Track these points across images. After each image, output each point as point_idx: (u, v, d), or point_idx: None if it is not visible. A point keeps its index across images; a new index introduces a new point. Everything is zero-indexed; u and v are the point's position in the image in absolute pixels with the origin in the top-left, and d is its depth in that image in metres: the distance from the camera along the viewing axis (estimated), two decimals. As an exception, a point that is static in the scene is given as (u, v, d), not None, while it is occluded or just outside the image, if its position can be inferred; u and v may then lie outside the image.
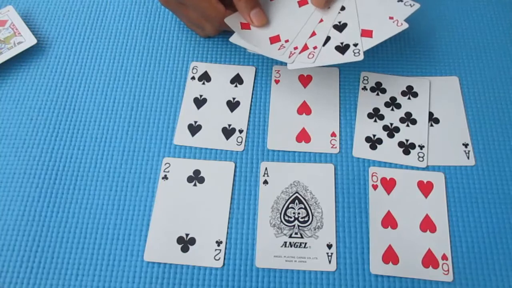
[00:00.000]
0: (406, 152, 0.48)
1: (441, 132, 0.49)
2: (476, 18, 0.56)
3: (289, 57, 0.46)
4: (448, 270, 0.42)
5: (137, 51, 0.55)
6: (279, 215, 0.45)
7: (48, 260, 0.43)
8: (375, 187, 0.46)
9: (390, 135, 0.49)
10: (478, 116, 0.50)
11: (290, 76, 0.52)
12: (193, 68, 0.53)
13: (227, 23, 0.48)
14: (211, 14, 0.48)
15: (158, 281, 0.42)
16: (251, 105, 0.51)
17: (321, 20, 0.48)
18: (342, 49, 0.46)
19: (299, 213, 0.45)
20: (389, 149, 0.48)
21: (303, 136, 0.49)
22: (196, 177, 0.47)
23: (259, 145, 0.49)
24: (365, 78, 0.52)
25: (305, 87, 0.52)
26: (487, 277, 0.42)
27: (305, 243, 0.43)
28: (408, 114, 0.50)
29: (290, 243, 0.43)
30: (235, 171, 0.47)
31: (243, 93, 0.52)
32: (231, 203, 0.45)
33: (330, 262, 0.43)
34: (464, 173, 0.47)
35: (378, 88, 0.52)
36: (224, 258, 0.43)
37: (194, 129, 0.50)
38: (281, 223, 0.44)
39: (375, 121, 0.50)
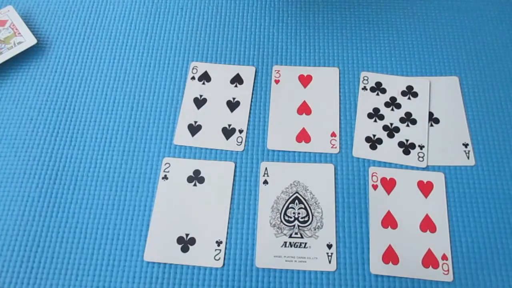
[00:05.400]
0: (406, 152, 0.48)
1: (441, 132, 0.49)
2: (476, 18, 0.56)
3: None
4: (448, 270, 0.42)
5: (137, 51, 0.55)
6: (279, 215, 0.45)
7: (48, 260, 0.43)
8: (375, 187, 0.46)
9: (390, 135, 0.49)
10: (478, 116, 0.50)
11: (290, 76, 0.52)
12: (193, 68, 0.53)
13: None
14: None
15: (158, 281, 0.42)
16: (251, 105, 0.51)
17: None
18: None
19: (299, 213, 0.45)
20: (389, 149, 0.48)
21: (303, 136, 0.49)
22: (196, 177, 0.47)
23: (259, 145, 0.49)
24: (365, 78, 0.52)
25: (305, 87, 0.52)
26: (487, 277, 0.42)
27: (305, 243, 0.43)
28: (408, 114, 0.50)
29: (290, 243, 0.43)
30: (235, 171, 0.47)
31: (243, 93, 0.52)
32: (231, 203, 0.45)
33: (330, 262, 0.43)
34: (464, 173, 0.47)
35: (378, 88, 0.52)
36: (224, 258, 0.43)
37: (194, 129, 0.50)
38: (281, 223, 0.44)
39: (375, 121, 0.50)
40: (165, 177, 0.47)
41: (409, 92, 0.51)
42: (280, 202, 0.45)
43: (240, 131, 0.49)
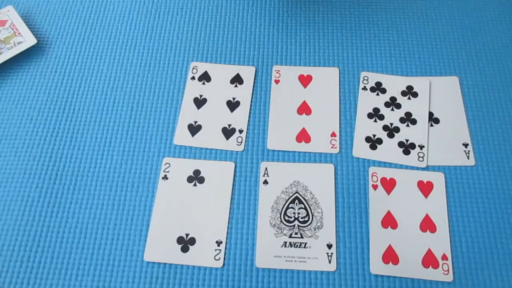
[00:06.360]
0: (406, 152, 0.48)
1: (441, 132, 0.49)
2: (476, 18, 0.56)
3: None
4: (448, 270, 0.42)
5: (137, 51, 0.55)
6: (279, 215, 0.45)
7: (48, 260, 0.43)
8: (375, 187, 0.46)
9: (390, 135, 0.49)
10: (478, 116, 0.50)
11: (290, 76, 0.52)
12: (193, 68, 0.53)
13: None
14: None
15: (158, 281, 0.42)
16: (251, 105, 0.51)
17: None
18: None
19: (299, 213, 0.45)
20: (389, 149, 0.48)
21: (303, 136, 0.49)
22: (196, 177, 0.47)
23: (259, 145, 0.49)
24: (365, 78, 0.52)
25: (305, 87, 0.52)
26: (487, 277, 0.42)
27: (305, 243, 0.43)
28: (408, 114, 0.50)
29: (290, 243, 0.43)
30: (235, 171, 0.47)
31: (243, 93, 0.52)
32: (231, 203, 0.45)
33: (330, 262, 0.43)
34: (464, 173, 0.47)
35: (378, 88, 0.52)
36: (224, 258, 0.43)
37: (194, 129, 0.50)
38: (281, 223, 0.44)
39: (375, 121, 0.50)
40: (165, 177, 0.47)
41: (409, 92, 0.51)
42: (280, 202, 0.45)
43: (240, 131, 0.49)
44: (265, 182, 0.46)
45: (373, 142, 0.48)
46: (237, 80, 0.52)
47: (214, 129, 0.49)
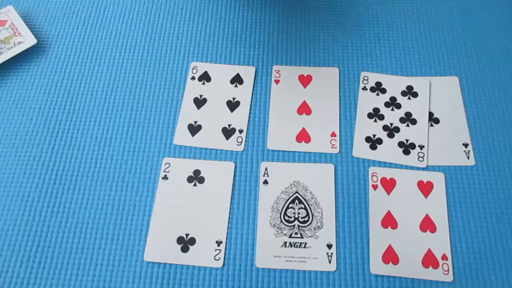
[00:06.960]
0: (406, 152, 0.48)
1: (441, 132, 0.49)
2: (476, 18, 0.56)
3: None
4: (448, 270, 0.42)
5: (137, 51, 0.55)
6: (279, 215, 0.45)
7: (48, 260, 0.43)
8: (375, 187, 0.46)
9: (390, 135, 0.49)
10: (478, 116, 0.50)
11: (290, 76, 0.52)
12: (193, 68, 0.53)
13: None
14: None
15: (158, 281, 0.42)
16: (251, 105, 0.51)
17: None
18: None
19: (299, 213, 0.45)
20: (389, 149, 0.48)
21: (303, 136, 0.49)
22: (196, 177, 0.47)
23: (259, 145, 0.49)
24: (365, 78, 0.52)
25: (305, 87, 0.52)
26: (487, 277, 0.42)
27: (305, 243, 0.43)
28: (408, 114, 0.50)
29: (290, 243, 0.43)
30: (235, 171, 0.47)
31: (243, 93, 0.52)
32: (231, 203, 0.45)
33: (330, 262, 0.43)
34: (464, 173, 0.47)
35: (378, 88, 0.52)
36: (224, 258, 0.43)
37: (194, 129, 0.50)
38: (281, 223, 0.44)
39: (375, 121, 0.50)
40: (165, 177, 0.47)
41: (409, 92, 0.51)
42: (280, 202, 0.45)
43: (240, 131, 0.49)
44: (265, 182, 0.46)
45: (373, 142, 0.48)
46: (237, 80, 0.52)
47: (214, 129, 0.49)
